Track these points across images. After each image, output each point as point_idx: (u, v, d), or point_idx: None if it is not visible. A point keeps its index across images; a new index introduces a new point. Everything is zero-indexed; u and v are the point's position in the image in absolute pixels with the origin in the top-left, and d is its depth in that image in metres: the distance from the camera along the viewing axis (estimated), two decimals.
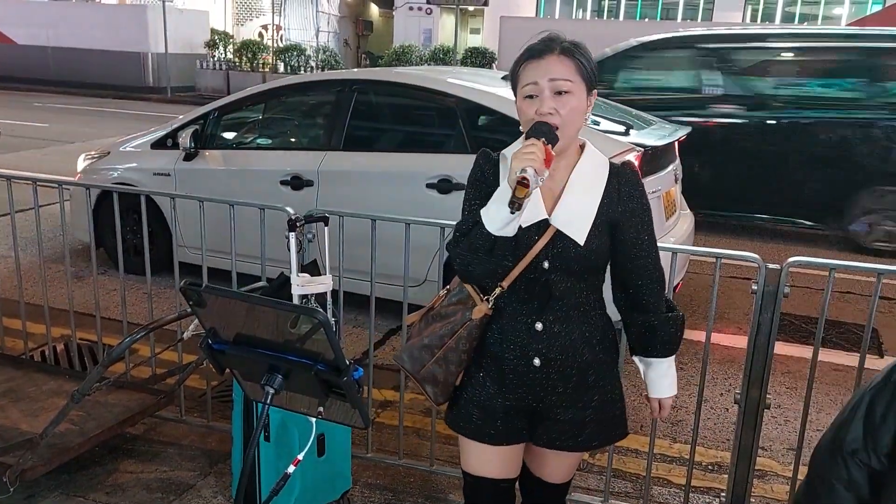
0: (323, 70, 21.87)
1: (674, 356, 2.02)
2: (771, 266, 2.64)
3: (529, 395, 1.90)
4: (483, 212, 1.76)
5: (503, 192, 1.71)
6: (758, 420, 2.74)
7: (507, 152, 1.91)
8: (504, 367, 1.90)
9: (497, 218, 1.72)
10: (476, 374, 1.95)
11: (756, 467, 2.87)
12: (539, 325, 1.85)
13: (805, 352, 4.70)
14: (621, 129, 4.70)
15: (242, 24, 27.18)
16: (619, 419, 2.01)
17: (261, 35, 25.86)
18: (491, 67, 18.91)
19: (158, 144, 5.61)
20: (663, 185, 4.71)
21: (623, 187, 1.87)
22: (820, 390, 4.21)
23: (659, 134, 4.95)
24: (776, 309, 2.64)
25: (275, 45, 24.08)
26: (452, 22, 22.66)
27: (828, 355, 4.67)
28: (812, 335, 4.77)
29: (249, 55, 22.08)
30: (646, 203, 1.92)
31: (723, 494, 2.99)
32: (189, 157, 5.34)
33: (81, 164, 6.05)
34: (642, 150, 4.42)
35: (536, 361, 1.86)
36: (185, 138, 5.26)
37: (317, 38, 25.29)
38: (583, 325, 1.89)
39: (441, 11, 24.91)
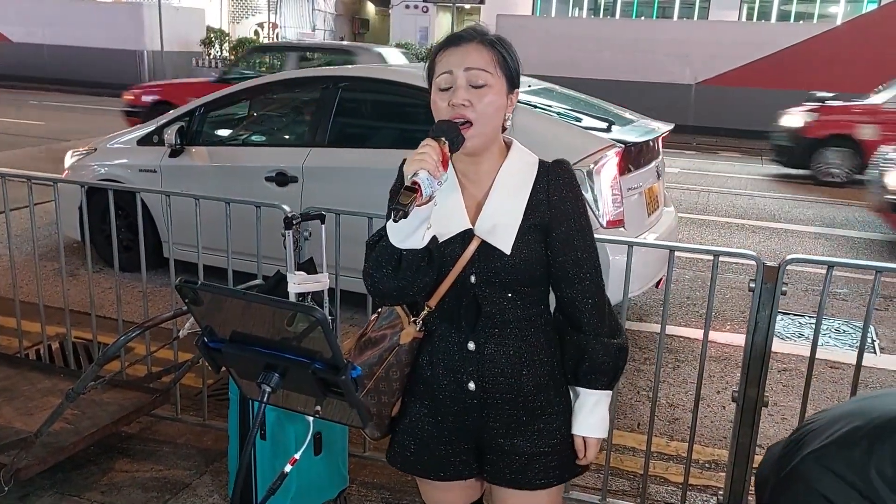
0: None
1: (607, 392, 1.76)
2: (769, 264, 2.63)
3: (467, 422, 1.74)
4: (389, 224, 1.56)
5: None
6: (755, 418, 2.73)
7: None
8: (437, 392, 1.73)
9: (398, 230, 1.55)
10: (410, 402, 1.78)
11: (753, 465, 2.86)
12: (471, 345, 1.68)
13: (802, 349, 4.71)
14: (602, 125, 4.69)
15: (238, 22, 27.14)
16: (566, 450, 1.78)
17: (256, 33, 25.83)
18: None
19: (144, 141, 5.63)
20: (644, 182, 4.73)
21: (553, 187, 1.69)
22: (817, 388, 4.21)
23: (641, 131, 4.97)
24: (774, 306, 2.63)
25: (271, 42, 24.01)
26: (449, 20, 22.65)
27: (825, 353, 4.68)
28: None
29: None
30: (579, 206, 1.72)
31: (720, 492, 2.99)
32: (174, 153, 5.35)
33: (69, 160, 6.07)
34: (623, 146, 4.43)
35: (471, 385, 1.70)
36: (170, 135, 5.28)
37: (313, 35, 25.25)
38: (521, 344, 1.70)
39: (437, 9, 24.90)
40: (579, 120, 4.68)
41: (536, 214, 1.67)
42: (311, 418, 1.66)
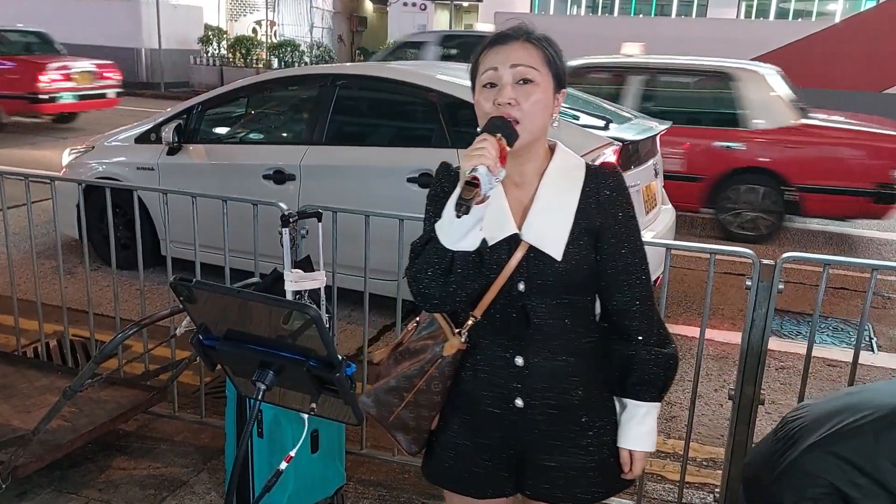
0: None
1: (656, 404, 1.70)
2: (765, 262, 2.64)
3: (511, 439, 1.67)
4: (437, 225, 1.51)
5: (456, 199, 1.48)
6: (752, 415, 2.73)
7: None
8: (479, 407, 1.66)
9: (452, 230, 1.48)
10: (450, 416, 1.72)
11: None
12: (520, 360, 1.61)
13: (799, 347, 4.71)
14: (600, 123, 4.69)
15: (236, 20, 27.09)
16: (618, 464, 1.72)
17: (254, 31, 25.78)
18: None
19: (142, 139, 5.63)
20: (643, 180, 4.74)
21: (603, 190, 1.63)
22: (814, 386, 4.22)
23: (639, 128, 4.97)
24: (770, 304, 2.63)
25: (269, 40, 24.01)
26: (447, 18, 22.64)
27: (821, 351, 4.68)
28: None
29: (243, 51, 22.02)
30: (630, 210, 1.66)
31: (717, 490, 2.99)
32: (172, 151, 5.35)
33: (67, 158, 6.06)
34: (621, 144, 4.43)
35: (519, 402, 1.62)
36: (167, 133, 5.28)
37: (311, 33, 25.23)
38: (570, 356, 1.63)
39: (435, 7, 24.87)
40: (577, 118, 4.68)
41: (587, 219, 1.61)
42: (306, 416, 1.66)
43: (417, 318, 1.77)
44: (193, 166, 5.33)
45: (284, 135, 5.68)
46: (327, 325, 2.87)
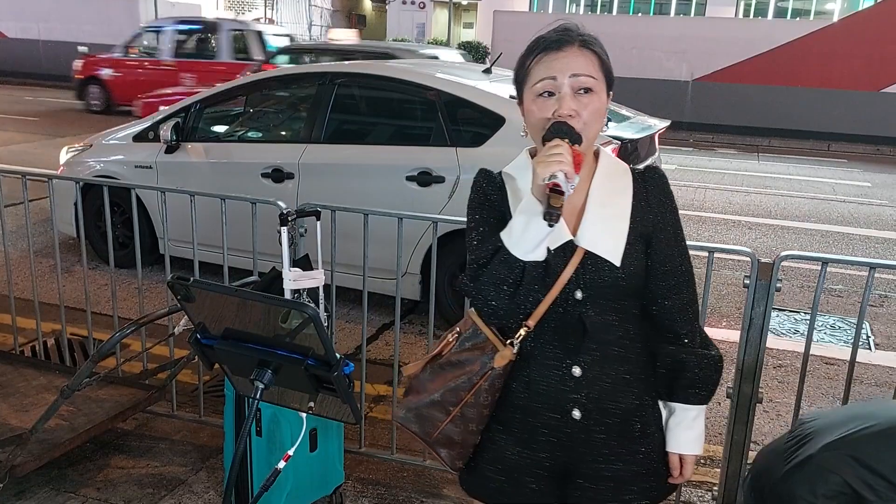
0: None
1: (704, 406, 1.67)
2: (763, 260, 2.64)
3: (564, 451, 1.61)
4: (504, 235, 1.48)
5: (529, 207, 1.44)
6: (750, 414, 2.74)
7: (512, 171, 1.64)
8: (534, 421, 1.60)
9: (525, 239, 1.45)
10: (498, 431, 1.64)
11: (748, 461, 2.87)
12: (577, 370, 1.55)
13: (797, 345, 4.72)
14: None
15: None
16: (667, 470, 1.69)
17: None
18: (484, 62, 18.89)
19: (140, 137, 5.62)
20: None
21: (652, 195, 1.61)
22: (812, 384, 4.22)
23: (637, 127, 4.96)
24: (768, 303, 2.64)
25: None
26: (446, 16, 22.62)
27: (819, 349, 4.69)
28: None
29: None
30: (676, 213, 1.64)
31: (715, 488, 3.00)
32: (170, 149, 5.35)
33: (64, 156, 6.05)
34: (619, 143, 4.42)
35: (576, 414, 1.57)
36: (165, 131, 5.28)
37: (309, 31, 25.21)
38: (624, 365, 1.59)
39: (434, 6, 24.86)
40: None
41: (640, 223, 1.58)
42: (305, 414, 1.66)
43: (458, 329, 1.69)
44: (191, 165, 5.32)
45: (283, 133, 5.68)
46: (326, 325, 2.87)
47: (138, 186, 3.80)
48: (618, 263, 1.53)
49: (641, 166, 1.68)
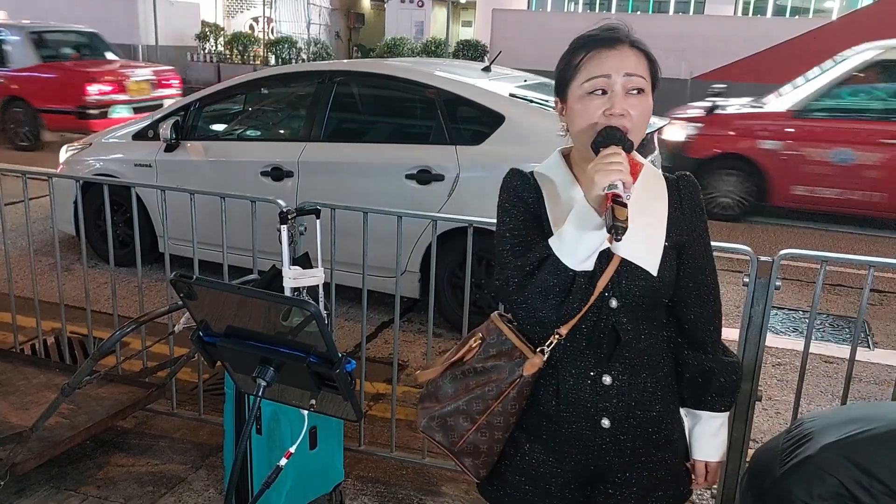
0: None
1: (727, 413, 1.69)
2: (763, 258, 2.64)
3: (592, 460, 1.59)
4: (554, 243, 1.44)
5: (585, 214, 1.40)
6: (749, 412, 2.74)
7: (546, 171, 1.60)
8: (562, 429, 1.57)
9: (580, 249, 1.42)
10: (522, 438, 1.62)
11: (747, 459, 2.87)
12: (607, 379, 1.53)
13: (796, 344, 4.73)
14: None
15: (233, 17, 27.03)
16: (687, 474, 1.70)
17: (252, 27, 25.75)
18: (483, 60, 18.90)
19: (140, 136, 5.62)
20: None
21: (686, 203, 1.58)
22: (811, 382, 4.23)
23: None
24: (768, 301, 2.64)
25: (266, 37, 23.98)
26: (444, 14, 22.61)
27: (819, 347, 4.70)
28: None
29: (240, 48, 21.98)
30: (706, 223, 1.63)
31: (714, 486, 3.00)
32: (170, 148, 5.35)
33: (64, 155, 6.06)
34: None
35: (605, 423, 1.54)
36: (165, 129, 5.28)
37: (308, 30, 25.17)
38: (652, 373, 1.59)
39: (433, 4, 24.84)
40: None
41: (675, 231, 1.56)
42: (305, 412, 1.66)
43: (481, 335, 1.64)
44: (191, 163, 5.33)
45: (282, 131, 5.68)
46: (326, 323, 2.87)
47: (138, 185, 3.80)
48: (654, 272, 1.51)
49: (675, 174, 1.65)
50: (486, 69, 5.35)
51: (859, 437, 1.50)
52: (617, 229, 1.31)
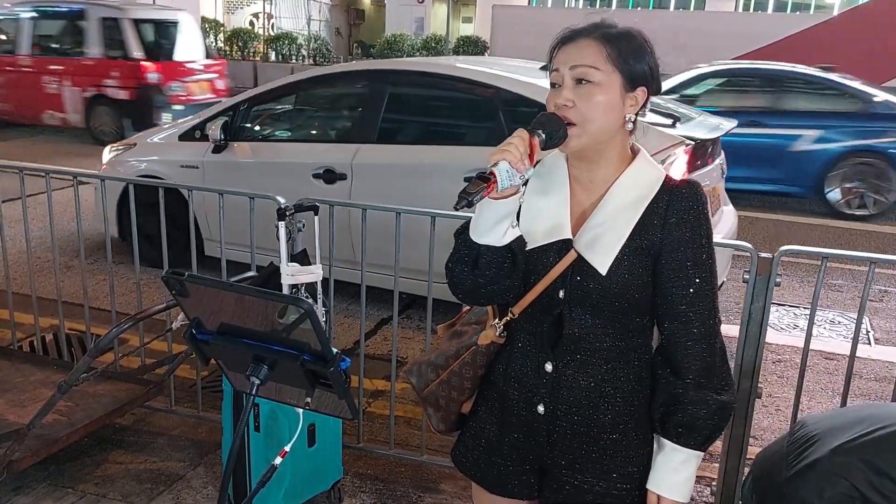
0: (314, 59, 21.79)
1: (698, 453, 1.55)
2: (763, 255, 2.63)
3: (533, 444, 1.62)
4: (473, 218, 1.51)
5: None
6: (749, 409, 2.73)
7: (547, 158, 1.61)
8: (506, 405, 1.64)
9: (479, 224, 1.48)
10: (481, 406, 1.71)
11: (747, 457, 2.86)
12: (549, 367, 1.56)
13: (796, 340, 4.71)
14: (668, 121, 4.42)
15: (233, 13, 27.03)
16: (638, 499, 1.60)
17: (252, 24, 25.73)
18: (483, 56, 18.86)
19: (186, 136, 5.47)
20: (711, 181, 4.51)
21: (672, 209, 1.50)
22: (811, 379, 4.22)
23: (707, 127, 4.70)
24: (768, 298, 2.63)
25: (266, 33, 23.96)
26: (444, 11, 22.59)
27: (819, 344, 4.68)
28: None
29: (240, 44, 21.98)
30: (700, 234, 1.51)
31: (714, 483, 2.99)
32: (218, 149, 5.18)
33: (107, 155, 5.93)
34: (692, 143, 4.19)
35: (540, 408, 1.58)
36: (214, 130, 5.11)
37: (308, 26, 25.16)
38: (606, 376, 1.55)
39: (433, 0, 24.81)
40: (643, 115, 4.59)
41: (646, 236, 1.50)
42: (301, 410, 1.65)
43: None
44: (240, 164, 5.18)
45: (334, 133, 5.53)
46: (324, 320, 2.86)
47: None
48: (603, 272, 1.49)
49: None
50: (545, 68, 5.22)
51: (870, 437, 1.49)
52: (459, 199, 1.37)
